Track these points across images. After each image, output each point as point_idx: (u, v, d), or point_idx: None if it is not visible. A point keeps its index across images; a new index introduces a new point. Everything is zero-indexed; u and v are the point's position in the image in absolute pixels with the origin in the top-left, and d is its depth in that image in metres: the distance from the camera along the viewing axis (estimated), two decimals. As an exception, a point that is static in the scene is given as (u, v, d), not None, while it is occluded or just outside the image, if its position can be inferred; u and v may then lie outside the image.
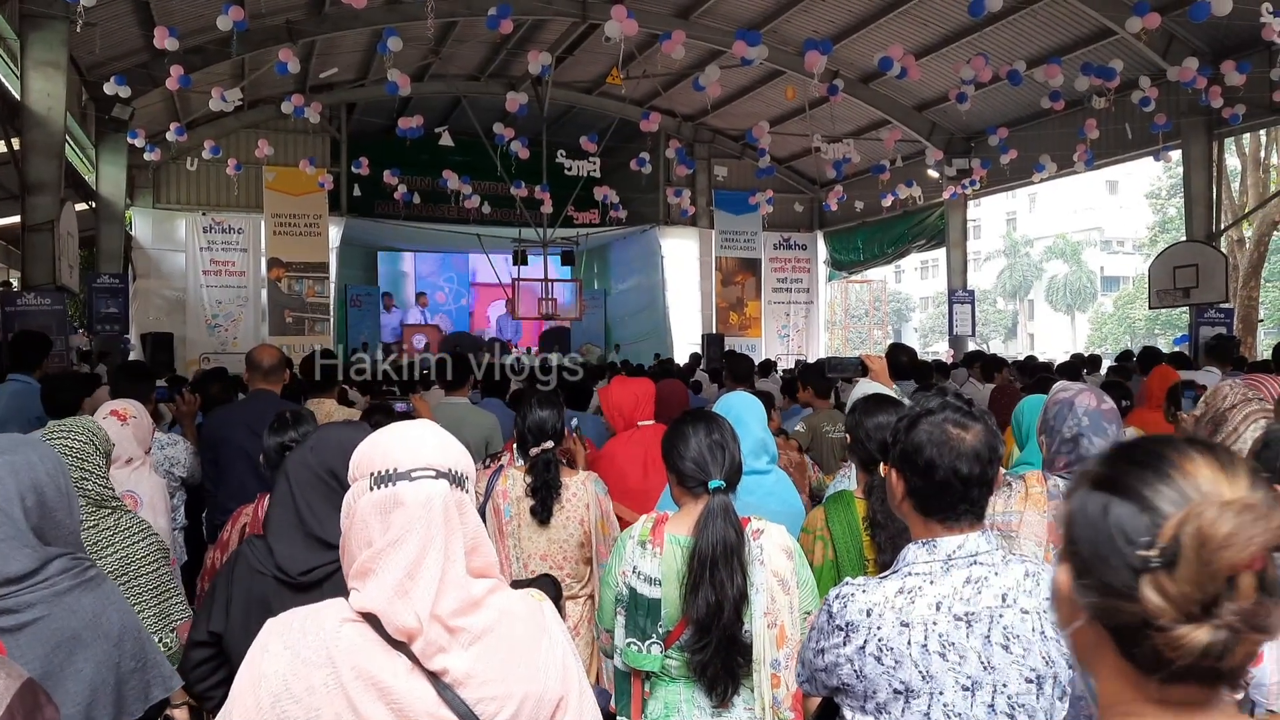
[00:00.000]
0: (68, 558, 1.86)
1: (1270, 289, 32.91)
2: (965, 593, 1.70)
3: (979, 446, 1.76)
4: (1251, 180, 17.98)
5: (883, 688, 1.69)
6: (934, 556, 1.75)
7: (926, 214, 18.52)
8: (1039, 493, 2.67)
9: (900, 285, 52.25)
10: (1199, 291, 12.57)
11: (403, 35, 12.05)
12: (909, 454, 1.79)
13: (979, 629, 1.68)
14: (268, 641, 1.36)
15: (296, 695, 1.30)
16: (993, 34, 13.66)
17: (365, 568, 1.36)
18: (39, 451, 1.92)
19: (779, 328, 20.98)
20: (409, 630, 1.32)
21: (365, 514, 1.38)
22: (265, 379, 4.47)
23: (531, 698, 1.38)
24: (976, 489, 1.76)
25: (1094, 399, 2.72)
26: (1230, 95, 11.69)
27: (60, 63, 10.12)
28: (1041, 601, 1.73)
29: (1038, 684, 1.69)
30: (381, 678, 1.31)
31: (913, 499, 1.80)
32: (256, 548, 2.12)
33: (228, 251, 16.96)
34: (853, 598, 1.75)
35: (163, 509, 3.54)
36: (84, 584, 1.86)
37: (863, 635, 1.71)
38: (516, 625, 1.42)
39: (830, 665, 1.76)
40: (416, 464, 1.39)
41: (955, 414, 1.79)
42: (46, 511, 1.86)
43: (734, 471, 2.44)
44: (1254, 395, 2.81)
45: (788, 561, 2.34)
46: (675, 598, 2.30)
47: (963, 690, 1.67)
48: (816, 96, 13.99)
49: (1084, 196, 46.58)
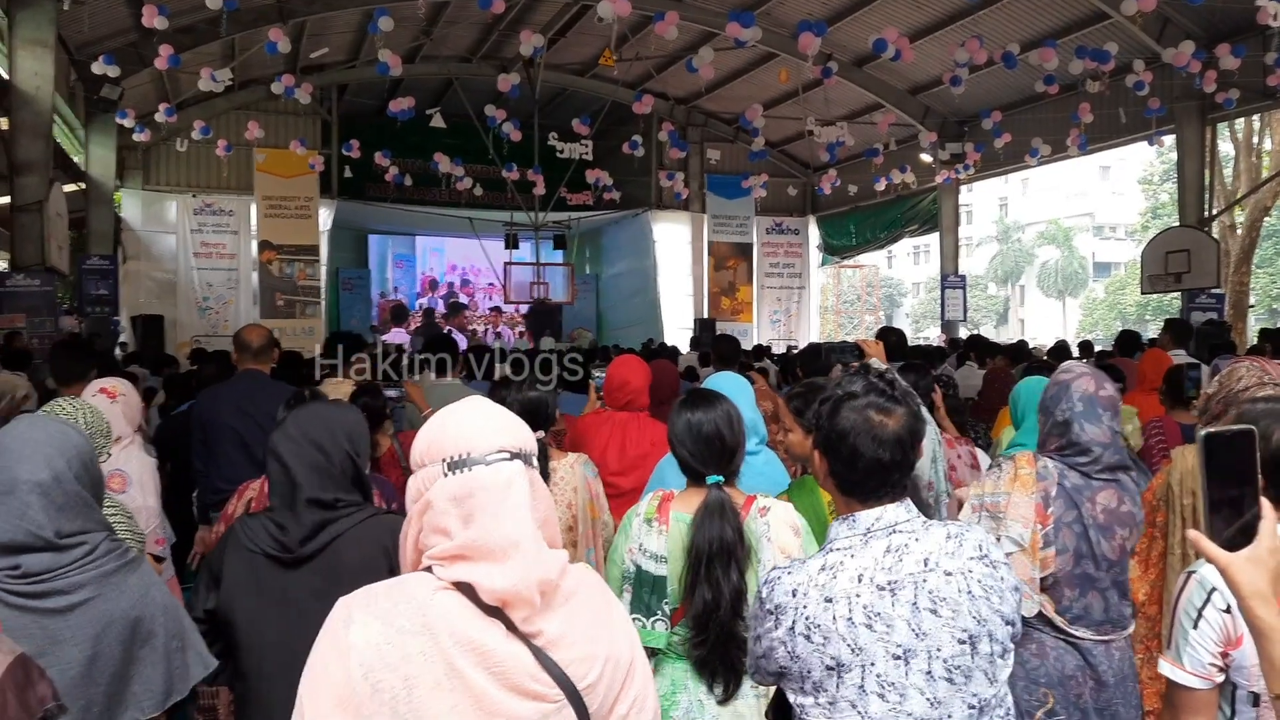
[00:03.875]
0: (109, 539, 1.86)
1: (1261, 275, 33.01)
2: (886, 562, 1.71)
3: (901, 432, 1.76)
4: (1244, 165, 17.99)
5: (816, 666, 1.70)
6: (854, 530, 1.76)
7: (919, 199, 18.50)
8: (1028, 474, 2.67)
9: (892, 270, 52.28)
10: (1191, 277, 12.60)
11: (394, 16, 11.96)
12: (832, 440, 1.80)
13: (904, 596, 1.69)
14: (351, 614, 1.32)
15: (392, 663, 1.28)
16: (987, 17, 13.61)
17: (452, 554, 1.34)
18: (76, 428, 1.93)
19: (771, 313, 20.97)
20: (508, 599, 1.32)
21: (442, 501, 1.36)
22: (254, 359, 4.44)
23: (611, 660, 1.40)
24: (897, 473, 1.77)
25: (1093, 385, 2.72)
26: (1224, 80, 11.69)
27: (48, 41, 10.02)
28: (966, 562, 1.73)
29: (971, 644, 1.70)
30: (483, 643, 1.30)
31: (834, 479, 1.82)
32: (248, 525, 2.13)
33: (218, 234, 16.86)
34: (779, 580, 1.76)
35: (152, 488, 3.53)
36: (128, 564, 1.86)
37: (790, 616, 1.71)
38: (592, 591, 1.45)
39: (767, 650, 1.76)
40: (490, 447, 1.38)
41: (879, 398, 1.79)
42: (93, 483, 1.85)
43: (734, 462, 2.45)
44: (1269, 379, 2.80)
45: (795, 539, 2.35)
46: (681, 574, 2.32)
47: (894, 659, 1.68)
48: (810, 79, 13.94)
49: (1076, 182, 46.62)
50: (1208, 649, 1.75)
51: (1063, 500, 2.66)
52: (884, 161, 16.53)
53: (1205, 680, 1.77)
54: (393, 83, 15.91)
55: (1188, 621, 1.79)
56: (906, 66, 14.30)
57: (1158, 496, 2.92)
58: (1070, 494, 2.66)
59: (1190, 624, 1.78)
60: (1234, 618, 1.74)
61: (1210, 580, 1.78)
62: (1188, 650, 1.78)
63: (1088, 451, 2.67)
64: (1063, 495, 2.66)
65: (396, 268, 22.35)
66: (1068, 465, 2.69)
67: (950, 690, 1.68)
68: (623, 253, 21.56)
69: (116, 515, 2.81)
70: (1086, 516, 2.65)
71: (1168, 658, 1.83)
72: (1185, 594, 1.82)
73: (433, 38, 15.87)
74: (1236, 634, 1.74)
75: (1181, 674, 1.79)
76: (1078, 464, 2.68)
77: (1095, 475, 2.67)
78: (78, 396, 3.12)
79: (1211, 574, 1.79)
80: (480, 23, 15.52)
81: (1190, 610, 1.79)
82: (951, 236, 18.15)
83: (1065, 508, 2.66)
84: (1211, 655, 1.75)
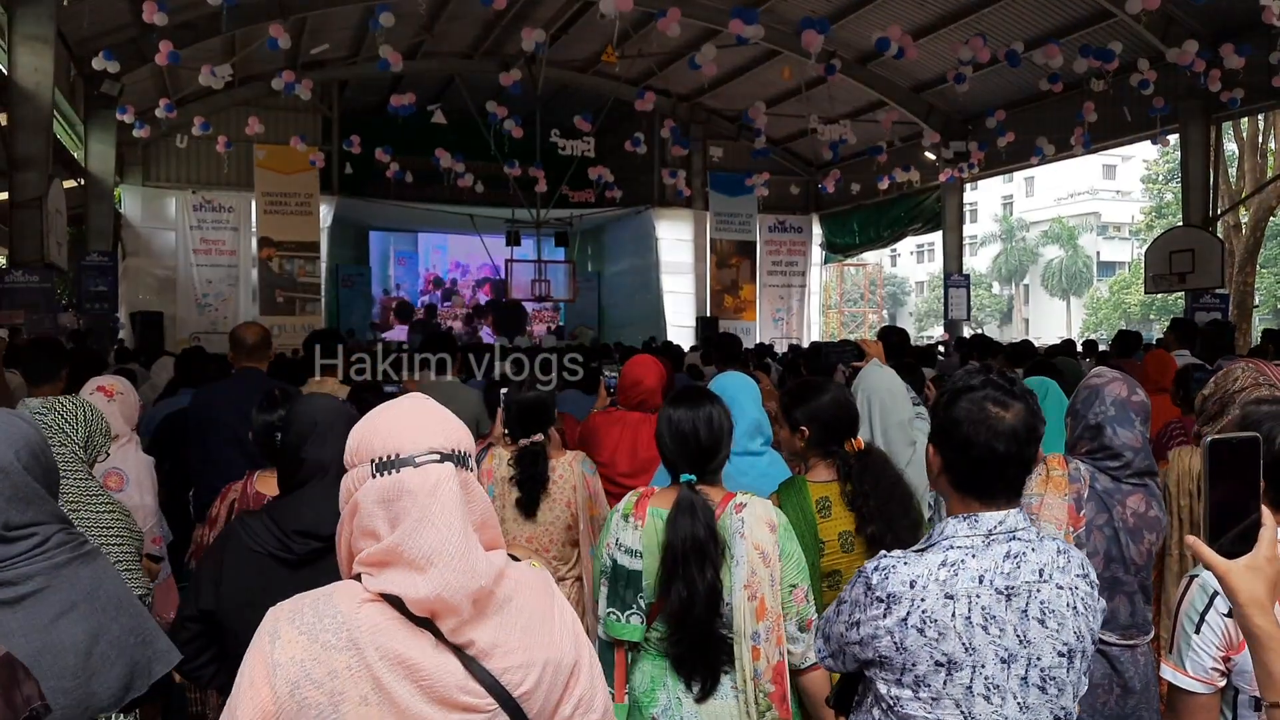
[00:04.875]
0: (63, 531, 1.82)
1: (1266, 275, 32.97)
2: (1006, 567, 1.71)
3: (1018, 426, 1.74)
4: (1249, 165, 17.92)
5: (924, 660, 1.69)
6: (975, 531, 1.75)
7: (923, 197, 18.47)
8: (1060, 476, 2.68)
9: (896, 269, 52.29)
10: (1195, 277, 12.57)
11: (395, 11, 11.92)
12: (946, 430, 1.79)
13: (1017, 603, 1.70)
14: (277, 628, 1.31)
15: (317, 680, 1.27)
16: (991, 15, 13.58)
17: (380, 560, 1.32)
18: (25, 418, 1.88)
19: (774, 311, 20.94)
20: (435, 609, 1.29)
21: (368, 503, 1.33)
22: (249, 357, 4.42)
23: (551, 664, 1.38)
24: (1014, 468, 1.75)
25: (1125, 389, 2.72)
26: (1229, 79, 11.65)
27: (48, 37, 10.01)
28: (1074, 578, 1.75)
29: (1069, 658, 1.72)
30: (409, 656, 1.28)
31: (949, 474, 1.80)
32: (250, 525, 2.10)
33: (218, 230, 16.85)
34: (894, 569, 1.74)
35: (149, 486, 3.51)
36: (81, 556, 1.80)
37: (905, 607, 1.70)
38: (531, 594, 1.41)
39: (866, 638, 1.75)
40: (420, 448, 1.34)
41: (996, 391, 1.78)
42: (45, 473, 1.81)
43: (711, 460, 2.43)
44: (1265, 380, 2.77)
45: (770, 534, 2.34)
46: (656, 570, 2.32)
47: (1001, 662, 1.69)
48: (813, 77, 13.91)
49: (1081, 181, 46.59)
50: (1209, 653, 1.77)
51: (1094, 503, 2.66)
52: (887, 160, 16.51)
53: (1207, 685, 1.78)
54: (394, 79, 15.89)
55: (1190, 626, 1.80)
56: (910, 64, 14.27)
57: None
58: (1102, 497, 2.67)
59: (1192, 628, 1.79)
60: (1236, 622, 1.73)
61: (1212, 584, 1.78)
62: (1190, 654, 1.79)
63: (1119, 456, 2.68)
64: (1094, 498, 2.66)
65: (399, 265, 22.36)
66: (1098, 469, 2.69)
67: (1041, 699, 1.70)
68: (625, 250, 21.54)
69: (115, 513, 2.78)
70: (1117, 520, 2.66)
71: (1170, 662, 1.84)
72: (1188, 598, 1.83)
73: (434, 34, 15.84)
74: (1238, 639, 1.74)
75: (1184, 678, 1.80)
76: (1108, 468, 2.68)
77: (1125, 479, 2.68)
78: (51, 397, 3.05)
79: (1213, 578, 1.77)
80: (482, 19, 15.50)
81: (1192, 614, 1.80)
82: (955, 235, 18.11)
83: (1097, 510, 2.66)
84: (1213, 660, 1.77)
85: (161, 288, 16.48)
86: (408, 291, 22.00)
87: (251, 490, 2.84)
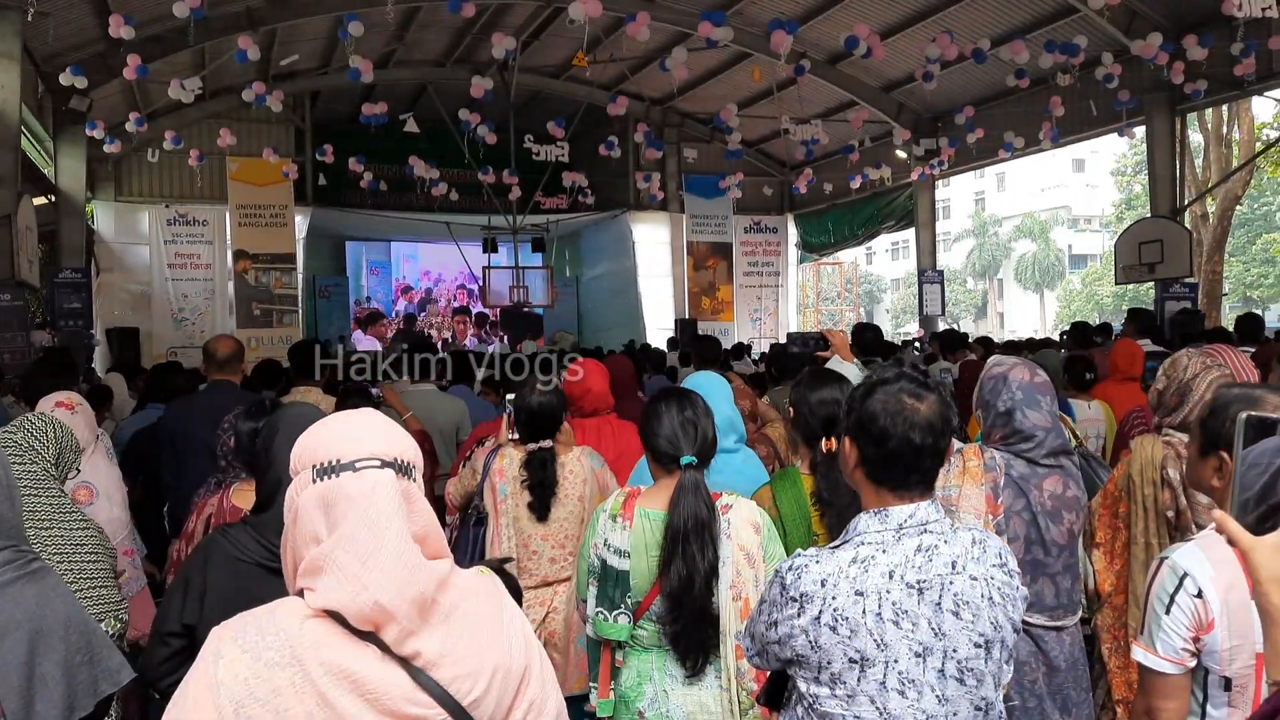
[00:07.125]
0: (11, 550, 1.80)
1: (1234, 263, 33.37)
2: (917, 561, 1.72)
3: (932, 417, 1.77)
4: (1214, 155, 18.13)
5: (838, 657, 1.70)
6: (886, 525, 1.76)
7: (895, 195, 18.58)
8: (976, 466, 2.71)
9: (871, 266, 52.55)
10: (1164, 267, 12.70)
11: (365, 21, 11.89)
12: (863, 422, 1.81)
13: (929, 596, 1.70)
14: (220, 648, 1.30)
15: (262, 698, 1.26)
16: (957, 12, 13.69)
17: (316, 565, 1.31)
18: None
19: (751, 311, 20.99)
20: (375, 619, 1.28)
21: (309, 508, 1.34)
22: (221, 370, 4.41)
23: (501, 670, 1.37)
24: (929, 459, 1.78)
25: (1027, 373, 2.78)
26: (1192, 71, 11.79)
27: (13, 53, 9.91)
28: (989, 568, 1.75)
29: (986, 648, 1.72)
30: (354, 670, 1.27)
31: (865, 467, 1.82)
32: (233, 536, 2.09)
33: (193, 244, 16.69)
34: (806, 569, 1.75)
35: (119, 499, 3.49)
36: (27, 575, 1.79)
37: (817, 605, 1.71)
38: (479, 601, 1.41)
39: (784, 637, 1.76)
40: (360, 454, 1.35)
41: (910, 384, 1.81)
42: None
43: (707, 448, 2.48)
44: (1214, 363, 2.82)
45: (755, 536, 2.38)
46: (644, 570, 2.36)
47: (915, 657, 1.69)
48: (784, 78, 13.96)
49: (1051, 175, 46.99)
50: (1180, 634, 1.78)
51: (1011, 489, 2.70)
52: (859, 159, 16.57)
53: (1178, 665, 1.79)
54: (365, 89, 15.82)
55: (1160, 607, 1.81)
56: (879, 63, 14.34)
57: (1119, 487, 2.93)
58: (1018, 482, 2.71)
59: (1163, 609, 1.81)
60: (1205, 603, 1.75)
61: (1182, 566, 1.80)
62: (1160, 635, 1.81)
63: (1031, 437, 2.72)
64: (1010, 484, 2.70)
65: (371, 275, 22.26)
66: (1013, 454, 2.73)
67: (960, 690, 1.70)
68: (602, 254, 21.53)
69: (88, 531, 2.76)
70: (1034, 504, 2.70)
71: (1140, 643, 1.85)
72: (1157, 580, 1.84)
73: (405, 43, 15.80)
74: (1208, 619, 1.76)
75: (1154, 659, 1.82)
76: (1022, 451, 2.73)
77: (1040, 461, 2.72)
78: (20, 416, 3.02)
79: (1184, 560, 1.80)
80: (452, 27, 15.46)
81: (1162, 596, 1.81)
82: (928, 232, 18.23)
83: (1014, 496, 2.70)
84: (1184, 640, 1.78)
85: (137, 303, 16.30)
86: (381, 301, 21.91)
87: (228, 504, 2.81)
